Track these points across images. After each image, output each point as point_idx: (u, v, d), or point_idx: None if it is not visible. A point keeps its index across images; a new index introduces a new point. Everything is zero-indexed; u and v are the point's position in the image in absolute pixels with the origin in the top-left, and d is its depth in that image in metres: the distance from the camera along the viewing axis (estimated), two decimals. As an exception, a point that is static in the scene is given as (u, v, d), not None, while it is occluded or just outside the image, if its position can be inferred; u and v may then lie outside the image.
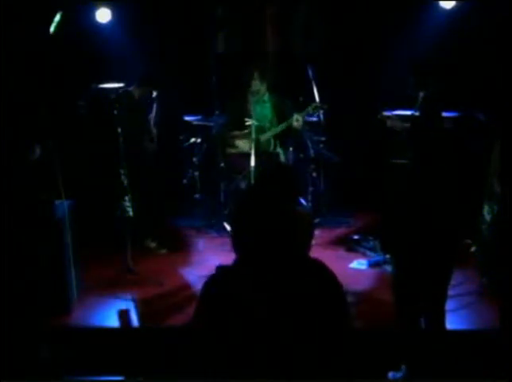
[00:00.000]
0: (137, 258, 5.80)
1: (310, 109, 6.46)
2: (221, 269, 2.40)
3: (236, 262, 2.38)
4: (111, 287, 5.37)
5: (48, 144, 4.96)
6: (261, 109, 6.66)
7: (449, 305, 4.19)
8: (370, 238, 6.22)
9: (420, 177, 3.98)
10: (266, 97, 6.69)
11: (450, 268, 4.02)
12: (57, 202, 5.03)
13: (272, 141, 6.69)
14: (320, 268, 2.38)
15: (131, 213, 5.78)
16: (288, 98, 6.75)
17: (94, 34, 6.99)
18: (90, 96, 6.58)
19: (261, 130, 6.53)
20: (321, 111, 6.58)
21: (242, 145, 6.67)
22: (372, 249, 6.09)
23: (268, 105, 6.70)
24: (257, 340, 2.26)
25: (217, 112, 7.07)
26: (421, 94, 5.61)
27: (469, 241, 5.76)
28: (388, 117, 5.86)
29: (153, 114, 6.38)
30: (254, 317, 2.27)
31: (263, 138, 6.58)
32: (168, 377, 3.94)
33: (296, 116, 6.41)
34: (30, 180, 4.79)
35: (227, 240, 6.40)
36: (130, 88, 6.24)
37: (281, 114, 6.63)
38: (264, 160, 6.37)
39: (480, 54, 6.75)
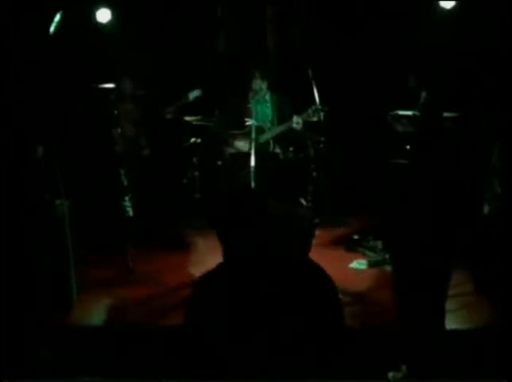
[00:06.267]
0: (137, 258, 5.80)
1: (310, 112, 6.45)
2: (212, 271, 2.39)
3: (228, 263, 2.36)
4: (111, 287, 5.38)
5: (50, 144, 4.96)
6: (261, 108, 6.67)
7: (449, 305, 4.19)
8: (370, 238, 6.21)
9: (421, 177, 3.98)
10: (268, 96, 6.71)
11: (449, 268, 4.03)
12: (57, 202, 5.03)
13: (271, 141, 6.70)
14: (315, 270, 2.38)
15: (131, 213, 5.78)
16: (288, 97, 6.76)
17: (94, 34, 6.99)
18: (90, 96, 6.58)
19: (260, 130, 6.53)
20: (321, 113, 6.57)
21: (241, 145, 6.68)
22: (372, 249, 6.08)
23: (269, 104, 6.71)
24: (250, 341, 2.26)
25: (217, 112, 7.07)
26: (423, 94, 5.61)
27: (468, 241, 5.76)
28: (397, 120, 5.83)
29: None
30: (246, 318, 2.26)
31: (262, 138, 6.59)
32: (167, 377, 3.93)
33: (296, 118, 6.42)
34: (33, 179, 4.79)
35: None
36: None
37: (282, 114, 6.63)
38: (264, 160, 6.37)
39: (481, 54, 6.75)
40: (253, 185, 6.08)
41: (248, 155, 6.24)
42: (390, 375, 3.99)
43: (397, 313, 4.09)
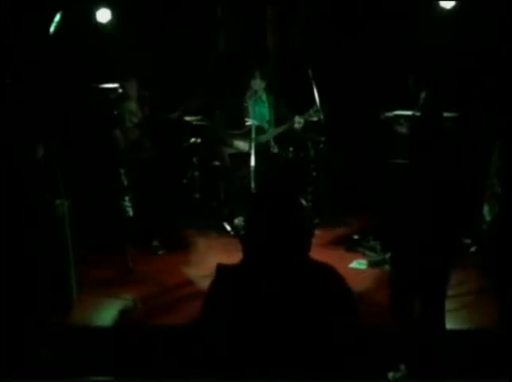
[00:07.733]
0: (137, 258, 5.80)
1: (312, 112, 6.47)
2: (227, 268, 2.40)
3: (244, 261, 2.37)
4: (111, 287, 5.38)
5: (50, 144, 4.96)
6: (259, 109, 6.68)
7: (449, 305, 4.19)
8: (370, 238, 6.22)
9: (421, 177, 3.98)
10: (264, 97, 6.71)
11: (449, 268, 4.03)
12: (57, 202, 5.03)
13: (271, 141, 6.70)
14: (328, 270, 2.38)
15: (131, 213, 5.78)
16: (285, 99, 6.76)
17: (94, 34, 6.99)
18: (90, 96, 6.58)
19: (260, 130, 6.53)
20: (322, 114, 6.56)
21: (241, 145, 6.68)
22: (372, 249, 6.09)
23: (266, 105, 6.72)
24: (263, 340, 2.26)
25: (217, 112, 7.07)
26: (422, 94, 5.61)
27: (469, 241, 5.77)
28: (393, 119, 5.83)
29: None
30: (261, 317, 2.26)
31: (263, 138, 6.59)
32: (166, 377, 3.93)
33: (298, 119, 6.43)
34: (33, 179, 4.79)
35: (227, 240, 6.43)
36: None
37: (278, 115, 6.64)
38: (264, 160, 6.37)
39: (481, 54, 6.75)
40: (253, 185, 6.09)
41: (248, 155, 6.24)
42: (390, 375, 4.00)
43: (392, 312, 4.10)
